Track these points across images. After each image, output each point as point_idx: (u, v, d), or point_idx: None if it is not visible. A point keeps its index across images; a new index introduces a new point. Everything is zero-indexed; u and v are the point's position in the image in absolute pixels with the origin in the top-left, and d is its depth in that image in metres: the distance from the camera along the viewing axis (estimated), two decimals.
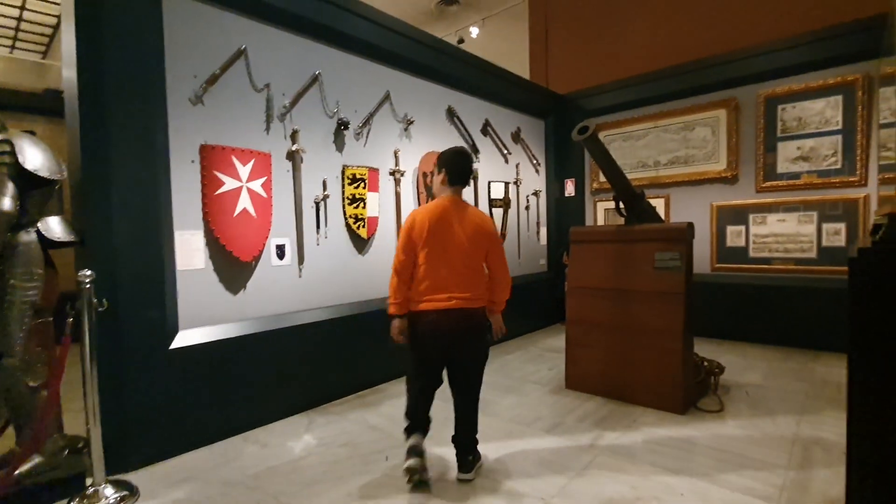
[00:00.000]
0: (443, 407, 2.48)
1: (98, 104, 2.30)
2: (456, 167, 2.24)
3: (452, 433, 2.32)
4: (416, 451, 2.13)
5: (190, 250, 2.66)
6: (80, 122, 2.27)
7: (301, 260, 3.24)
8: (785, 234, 4.49)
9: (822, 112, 4.28)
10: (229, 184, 2.77)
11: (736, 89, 4.72)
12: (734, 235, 4.78)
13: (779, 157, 4.51)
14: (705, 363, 3.26)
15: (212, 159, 2.71)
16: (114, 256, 2.33)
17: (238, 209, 2.81)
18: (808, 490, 2.05)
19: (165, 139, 2.54)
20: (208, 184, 2.70)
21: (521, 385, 3.56)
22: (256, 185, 2.90)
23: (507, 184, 5.24)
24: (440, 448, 2.49)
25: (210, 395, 2.67)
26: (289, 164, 3.17)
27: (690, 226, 3.06)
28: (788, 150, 4.46)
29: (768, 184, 4.56)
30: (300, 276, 3.24)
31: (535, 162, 5.74)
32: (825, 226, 4.28)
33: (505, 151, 5.22)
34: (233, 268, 2.86)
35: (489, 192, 4.99)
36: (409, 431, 2.22)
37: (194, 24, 2.69)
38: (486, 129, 4.97)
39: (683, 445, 2.50)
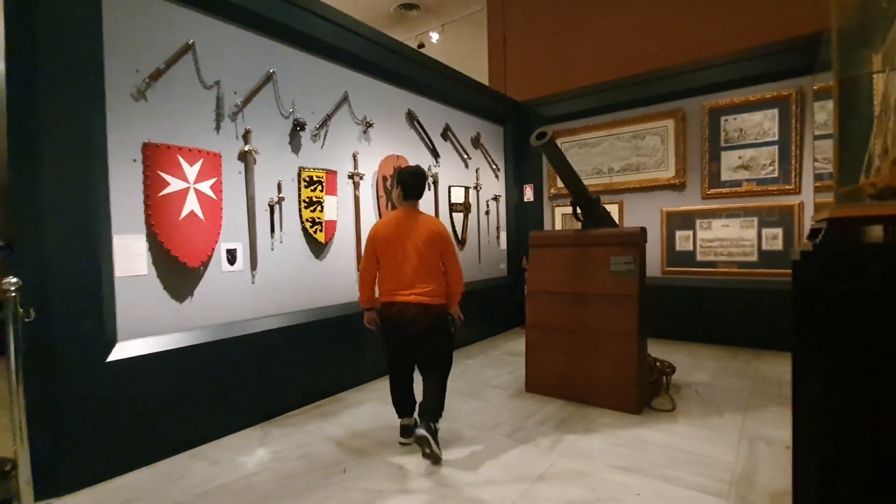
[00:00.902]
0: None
1: (28, 99, 2.12)
2: (409, 185, 2.58)
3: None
4: (407, 431, 2.61)
5: (130, 255, 2.48)
6: (8, 118, 2.08)
7: (254, 265, 3.10)
8: (729, 239, 4.74)
9: (760, 124, 4.56)
10: (175, 185, 2.61)
11: (683, 101, 4.96)
12: (683, 240, 5.00)
13: (722, 165, 4.76)
14: (658, 363, 3.37)
15: (156, 159, 2.54)
16: (45, 263, 2.14)
17: (185, 212, 2.65)
18: (755, 484, 2.14)
19: (104, 137, 2.37)
20: (152, 185, 2.53)
21: (482, 390, 3.56)
22: (205, 187, 2.75)
23: (467, 188, 5.25)
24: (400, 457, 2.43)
25: (153, 409, 2.49)
26: (241, 166, 3.03)
27: (643, 230, 3.16)
28: (731, 160, 4.73)
29: (713, 191, 4.80)
30: (253, 282, 3.10)
31: (494, 167, 5.80)
32: (764, 231, 4.55)
33: (465, 156, 5.24)
34: (179, 274, 2.69)
35: (449, 196, 4.98)
36: (399, 415, 2.67)
37: (137, 15, 2.53)
38: (446, 133, 4.97)
39: (639, 445, 2.57)
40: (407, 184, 2.56)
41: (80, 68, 2.26)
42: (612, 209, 5.35)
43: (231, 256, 2.96)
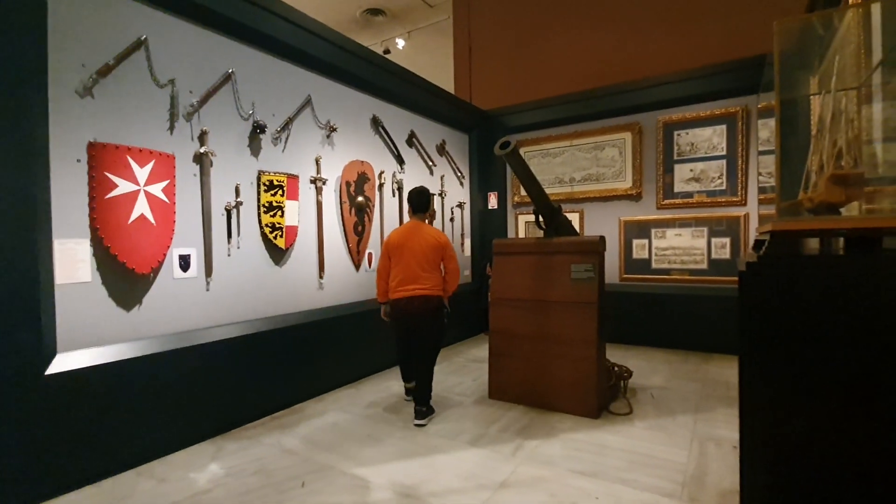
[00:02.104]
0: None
1: None
2: (414, 202, 3.27)
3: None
4: (410, 391, 3.43)
5: (73, 261, 2.32)
6: None
7: (209, 271, 2.97)
8: (681, 248, 4.95)
9: (710, 139, 4.81)
10: (123, 187, 2.48)
11: (639, 115, 5.17)
12: (639, 248, 5.19)
13: (675, 177, 4.99)
14: (616, 368, 3.47)
15: (102, 159, 2.40)
16: None
17: (134, 215, 2.51)
18: (705, 484, 2.23)
19: (45, 135, 2.22)
20: (98, 186, 2.39)
21: (446, 397, 3.55)
22: (156, 190, 2.62)
23: (432, 195, 5.26)
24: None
25: (96, 425, 2.33)
26: (196, 168, 2.91)
27: (602, 239, 3.26)
28: (683, 172, 4.96)
29: (667, 201, 5.02)
30: (208, 290, 2.97)
31: (459, 174, 5.83)
32: (714, 240, 4.79)
33: (430, 163, 5.25)
34: (126, 281, 2.54)
35: None
36: (404, 381, 3.49)
37: (85, 7, 2.39)
38: (411, 140, 4.96)
39: (598, 449, 2.62)
40: (413, 201, 3.27)
41: (21, 62, 2.10)
42: (574, 218, 5.49)
43: (184, 262, 2.83)
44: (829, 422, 1.31)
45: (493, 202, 6.20)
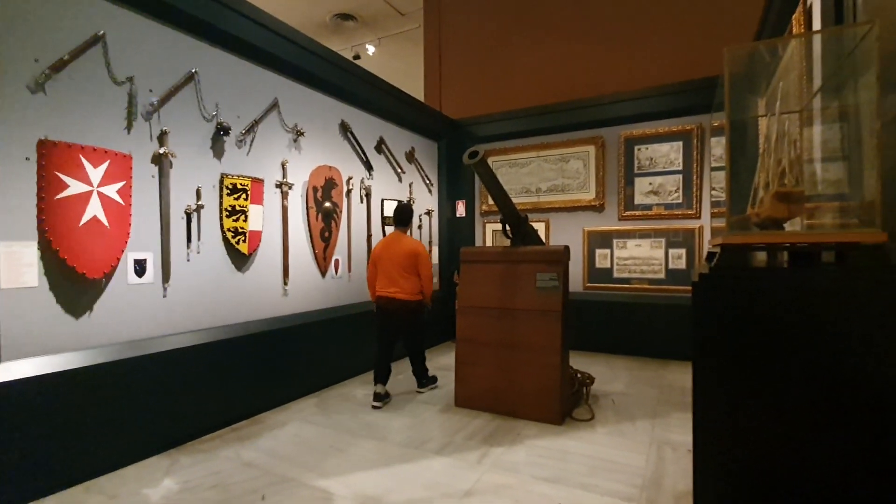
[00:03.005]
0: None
1: None
2: (396, 217, 3.73)
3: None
4: (378, 398, 3.50)
5: (18, 265, 2.19)
6: None
7: (167, 277, 2.86)
8: (641, 258, 5.14)
9: (667, 154, 5.03)
10: (75, 187, 2.36)
11: (603, 129, 5.36)
12: (602, 258, 5.35)
13: (636, 190, 5.19)
14: (579, 375, 3.56)
15: (53, 158, 2.29)
16: None
17: (86, 217, 2.40)
18: (662, 487, 2.31)
19: None
20: (47, 186, 2.26)
21: (413, 406, 3.53)
22: (111, 191, 2.51)
23: (400, 202, 5.25)
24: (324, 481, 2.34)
25: (42, 437, 2.19)
26: (155, 169, 2.81)
27: (567, 248, 3.34)
28: (643, 185, 5.16)
29: (628, 213, 5.20)
30: (164, 296, 2.86)
31: (428, 182, 5.86)
32: (671, 251, 5.00)
33: (399, 170, 5.25)
34: (76, 286, 2.42)
35: (382, 209, 4.95)
36: (375, 382, 3.57)
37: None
38: (380, 146, 4.95)
39: (561, 455, 2.67)
40: (395, 216, 3.73)
41: None
42: (540, 227, 5.61)
43: (140, 267, 2.71)
44: (776, 424, 1.40)
45: (461, 210, 6.25)
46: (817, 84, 2.27)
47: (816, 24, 2.56)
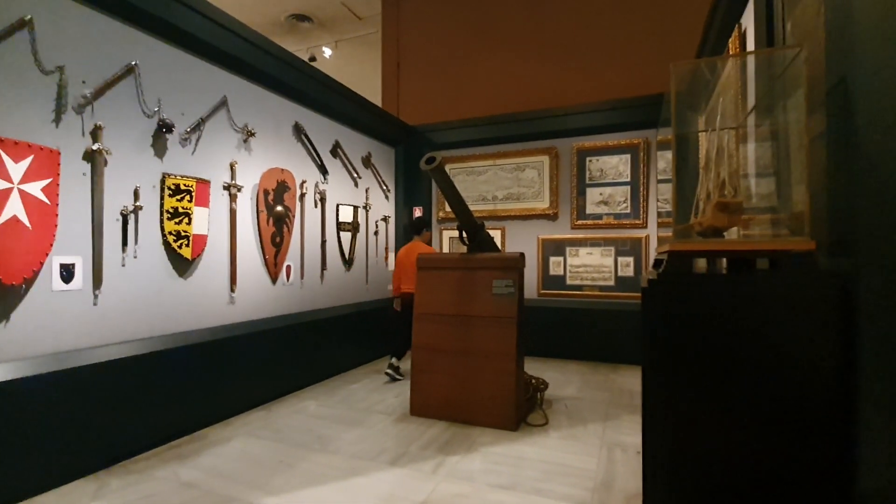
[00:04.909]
0: None
1: None
2: (411, 226, 4.72)
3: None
4: (398, 370, 4.41)
5: None
6: None
7: (98, 283, 2.64)
8: (592, 265, 5.31)
9: (616, 166, 5.24)
10: None
11: (556, 140, 5.51)
12: (555, 265, 5.47)
13: (587, 200, 5.36)
14: (533, 380, 3.60)
15: None
16: None
17: (4, 217, 2.17)
18: (613, 489, 2.36)
19: None
20: None
21: (366, 416, 3.44)
22: (34, 189, 2.29)
23: (356, 207, 5.16)
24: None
25: None
26: (87, 167, 2.60)
27: (522, 256, 3.39)
28: (594, 195, 5.34)
29: (580, 222, 5.36)
30: (95, 304, 2.64)
31: (384, 188, 5.79)
32: (620, 259, 5.19)
33: (355, 175, 5.16)
34: None
35: (337, 214, 4.84)
36: (399, 358, 4.42)
37: None
38: (335, 150, 4.85)
39: (516, 462, 2.68)
40: (410, 225, 4.63)
41: None
42: (496, 234, 5.67)
43: (66, 272, 2.49)
44: (719, 422, 1.45)
45: (418, 216, 6.22)
46: (752, 103, 2.44)
47: (751, 47, 2.75)
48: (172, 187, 3.05)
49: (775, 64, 2.09)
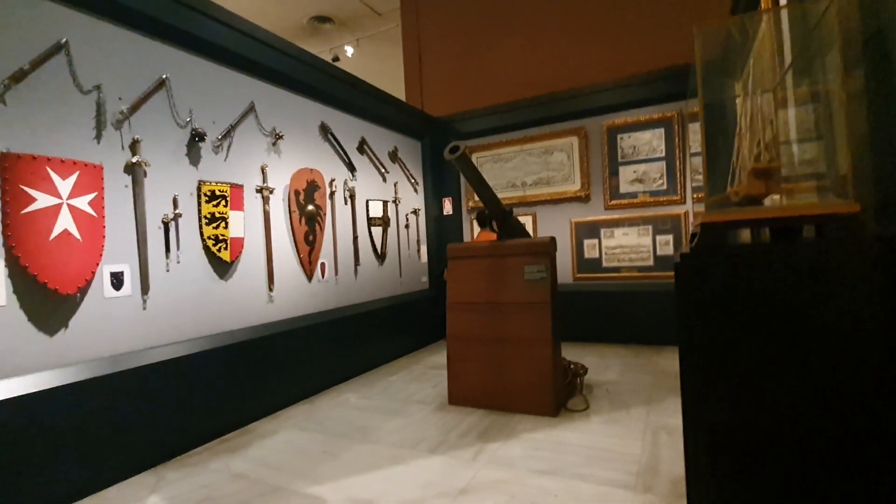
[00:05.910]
0: None
1: None
2: (477, 219, 4.64)
3: None
4: None
5: None
6: None
7: (145, 289, 2.79)
8: (629, 246, 5.15)
9: (650, 142, 5.04)
10: (43, 200, 2.29)
11: (584, 120, 5.35)
12: (590, 248, 5.34)
13: (621, 179, 5.19)
14: (571, 366, 3.54)
15: (17, 171, 2.21)
16: None
17: (56, 231, 2.32)
18: (658, 472, 2.30)
19: None
20: (12, 200, 2.19)
21: (406, 406, 3.49)
22: (82, 203, 2.44)
23: (385, 202, 5.21)
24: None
25: (16, 462, 2.12)
26: (128, 179, 2.74)
27: (553, 240, 3.32)
28: (627, 174, 5.16)
29: (614, 202, 5.20)
30: (144, 309, 2.79)
31: (413, 181, 5.82)
32: (658, 237, 5.01)
33: (382, 170, 5.20)
34: (49, 303, 2.34)
35: (367, 210, 4.91)
36: None
37: None
38: (362, 147, 4.90)
39: (556, 447, 2.65)
40: (476, 219, 4.50)
41: None
42: (527, 221, 5.59)
43: (116, 280, 2.64)
44: (759, 403, 1.38)
45: (448, 208, 6.22)
46: (788, 62, 2.27)
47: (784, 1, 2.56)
48: (208, 193, 3.17)
49: (810, 18, 1.94)
